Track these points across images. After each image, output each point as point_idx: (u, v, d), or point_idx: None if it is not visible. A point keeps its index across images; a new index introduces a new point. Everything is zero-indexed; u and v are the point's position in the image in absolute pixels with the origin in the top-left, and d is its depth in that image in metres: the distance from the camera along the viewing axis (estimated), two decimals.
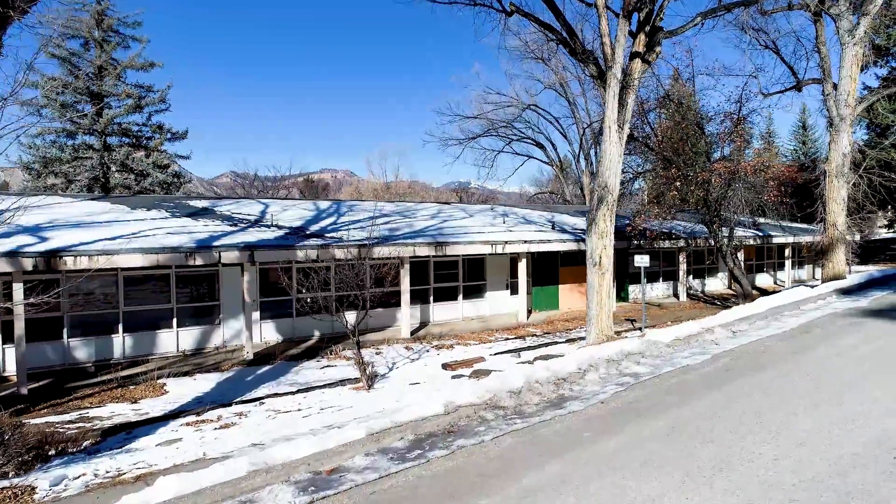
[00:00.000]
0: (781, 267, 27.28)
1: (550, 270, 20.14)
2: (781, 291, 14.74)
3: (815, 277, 26.80)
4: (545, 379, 6.52)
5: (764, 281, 26.92)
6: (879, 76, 32.02)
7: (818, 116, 43.45)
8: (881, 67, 31.91)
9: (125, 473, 6.01)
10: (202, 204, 17.85)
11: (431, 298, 17.52)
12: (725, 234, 19.49)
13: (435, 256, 16.94)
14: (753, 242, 23.73)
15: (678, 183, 18.47)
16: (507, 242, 16.99)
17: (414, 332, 15.96)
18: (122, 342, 12.90)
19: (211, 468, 4.44)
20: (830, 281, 15.85)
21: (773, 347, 8.27)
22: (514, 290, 18.75)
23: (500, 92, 45.06)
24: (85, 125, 26.50)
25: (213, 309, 14.20)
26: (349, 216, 18.28)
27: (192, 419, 9.27)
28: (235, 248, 12.74)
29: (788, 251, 26.31)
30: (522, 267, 17.82)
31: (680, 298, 22.57)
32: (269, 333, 14.81)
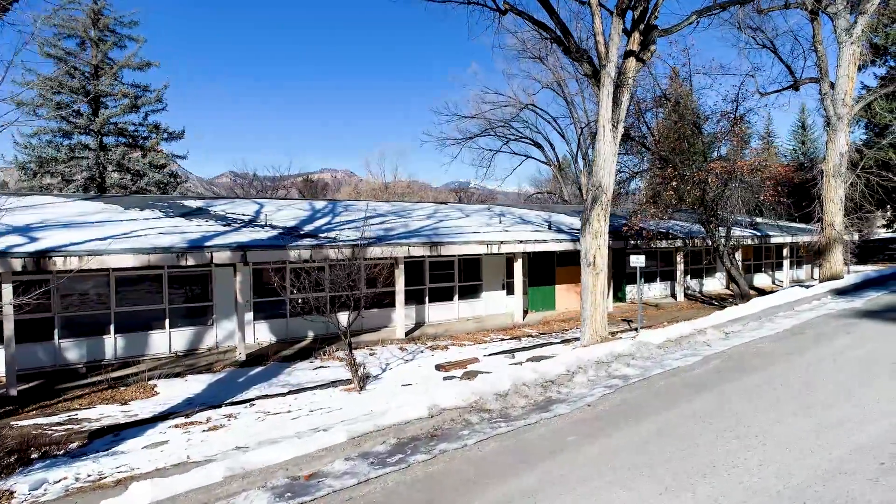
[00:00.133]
0: (780, 267, 27.14)
1: (547, 270, 20.05)
2: (778, 291, 14.66)
3: (813, 277, 26.69)
4: (532, 381, 6.44)
5: (762, 281, 26.80)
6: (878, 75, 31.89)
7: (817, 116, 43.36)
8: (880, 67, 31.79)
9: (106, 477, 5.94)
10: (197, 204, 17.78)
11: (427, 299, 17.44)
12: (722, 233, 19.40)
13: (430, 256, 16.86)
14: (751, 242, 23.62)
15: (675, 182, 18.39)
16: (502, 242, 16.90)
17: (409, 332, 15.88)
18: (113, 343, 12.83)
19: (187, 474, 4.37)
20: (828, 281, 15.76)
21: (764, 349, 8.19)
22: (510, 290, 18.67)
23: (497, 91, 45.04)
24: (81, 125, 26.44)
25: (205, 310, 14.12)
26: (345, 216, 18.19)
27: (180, 421, 9.20)
28: (227, 248, 12.67)
29: (787, 251, 26.18)
30: (518, 267, 17.73)
31: (677, 299, 22.47)
32: (262, 334, 14.74)
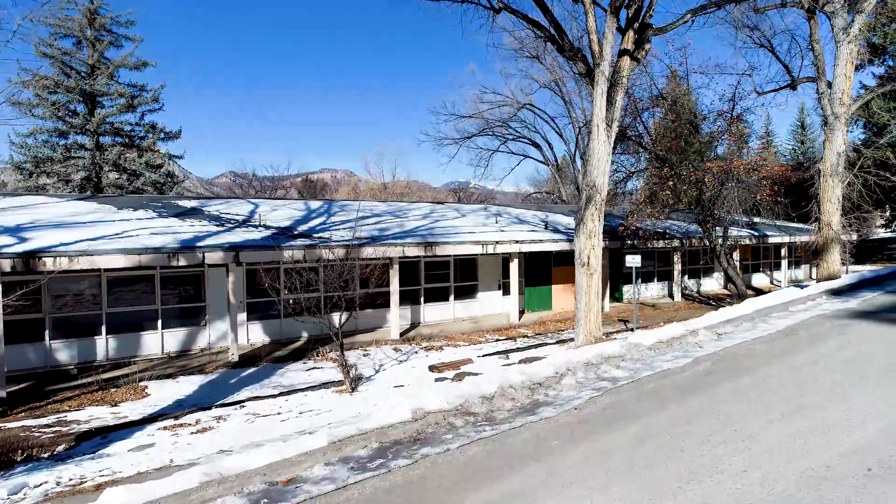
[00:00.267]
0: (778, 267, 27.05)
1: (543, 270, 19.97)
2: (773, 292, 14.58)
3: (811, 277, 26.56)
4: (520, 384, 6.37)
5: (760, 281, 26.70)
6: (877, 75, 31.79)
7: (816, 116, 43.20)
8: (878, 66, 31.68)
9: (87, 482, 5.87)
10: (191, 204, 17.72)
11: (422, 299, 17.37)
12: (719, 233, 19.31)
13: (425, 257, 16.78)
14: (749, 242, 23.53)
15: (671, 182, 18.30)
16: (497, 242, 16.82)
17: (404, 333, 15.82)
18: (105, 344, 12.77)
19: (162, 480, 4.31)
20: (825, 281, 15.67)
21: (756, 350, 8.10)
22: (506, 290, 18.59)
23: (495, 91, 44.94)
24: (77, 124, 26.38)
25: (198, 310, 14.06)
26: (340, 216, 18.12)
27: (169, 423, 9.14)
28: (220, 248, 12.60)
29: (785, 251, 26.08)
30: (514, 267, 17.65)
31: (675, 299, 22.39)
32: (255, 335, 14.67)
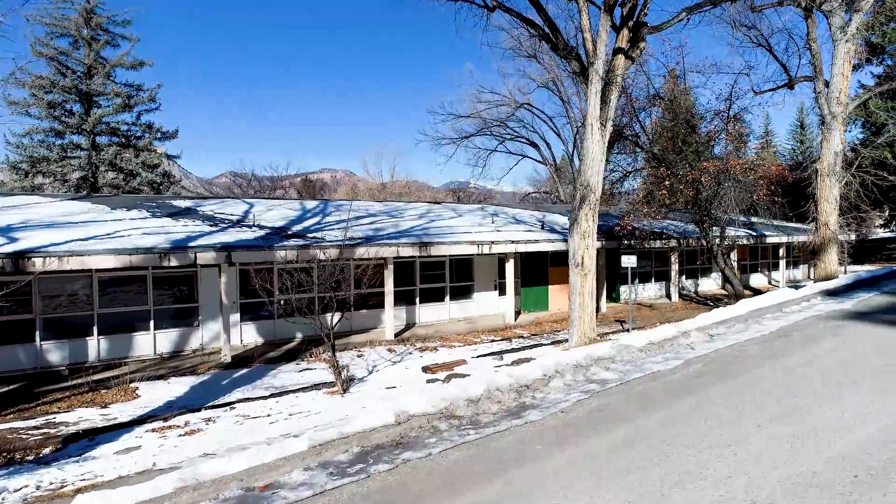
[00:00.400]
0: (776, 267, 26.92)
1: (540, 271, 19.88)
2: (769, 292, 14.49)
3: (809, 277, 26.47)
4: (507, 386, 6.29)
5: (758, 281, 26.58)
6: (875, 74, 31.67)
7: (815, 115, 43.07)
8: (877, 65, 31.54)
9: (68, 486, 5.80)
10: (185, 204, 17.64)
11: (417, 299, 17.28)
12: (717, 233, 19.20)
13: (421, 257, 16.70)
14: (746, 242, 23.41)
15: (668, 182, 18.21)
16: (493, 242, 16.74)
17: (399, 333, 15.73)
18: (97, 345, 12.70)
19: (136, 486, 4.23)
20: (822, 281, 15.59)
21: (748, 352, 8.02)
22: (502, 290, 18.50)
23: (493, 91, 44.90)
24: (73, 124, 26.30)
25: (191, 311, 13.98)
26: (335, 216, 18.03)
27: (158, 425, 9.06)
28: (212, 248, 12.52)
29: (783, 251, 25.96)
30: (510, 267, 17.57)
31: (672, 299, 22.30)
32: (249, 335, 14.59)
